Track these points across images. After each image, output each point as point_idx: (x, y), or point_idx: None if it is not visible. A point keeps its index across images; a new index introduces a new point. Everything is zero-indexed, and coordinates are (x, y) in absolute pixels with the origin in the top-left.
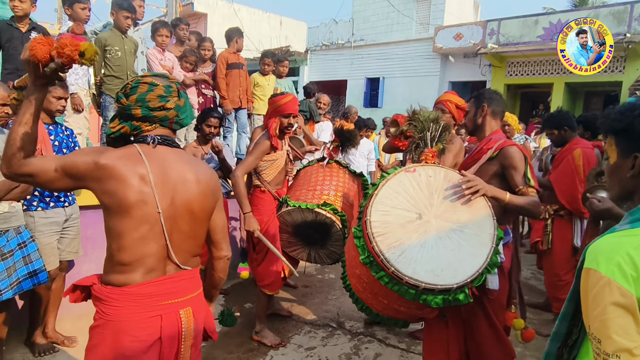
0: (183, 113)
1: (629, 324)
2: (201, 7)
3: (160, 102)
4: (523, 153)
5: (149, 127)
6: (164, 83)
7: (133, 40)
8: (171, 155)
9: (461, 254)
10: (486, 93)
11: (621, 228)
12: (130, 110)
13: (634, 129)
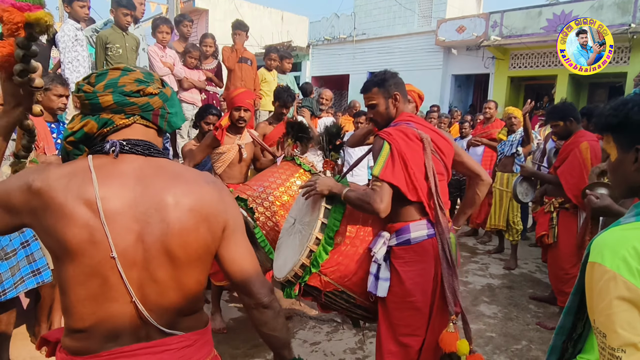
0: (172, 107)
1: (635, 318)
2: (202, 3)
3: (138, 85)
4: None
5: (125, 121)
6: (142, 71)
7: (134, 37)
8: (146, 169)
9: (292, 252)
10: (390, 79)
11: (626, 221)
12: (96, 99)
13: (631, 122)
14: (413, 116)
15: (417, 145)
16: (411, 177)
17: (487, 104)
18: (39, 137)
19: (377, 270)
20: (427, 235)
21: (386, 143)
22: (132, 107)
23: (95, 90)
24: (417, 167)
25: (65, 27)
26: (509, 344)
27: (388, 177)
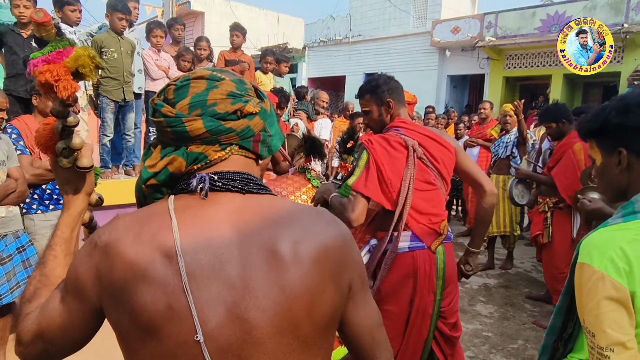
0: (272, 126)
1: (622, 317)
2: (198, 5)
3: (234, 103)
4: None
5: (221, 154)
6: (231, 77)
7: (130, 42)
8: (245, 210)
9: None
10: (383, 85)
11: (614, 222)
12: (181, 126)
13: (610, 125)
14: (405, 121)
15: (400, 153)
16: (389, 187)
17: (482, 104)
18: (33, 141)
19: None
20: (408, 248)
21: (365, 152)
22: (229, 135)
23: (179, 113)
24: (397, 176)
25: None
26: (505, 343)
27: (360, 188)
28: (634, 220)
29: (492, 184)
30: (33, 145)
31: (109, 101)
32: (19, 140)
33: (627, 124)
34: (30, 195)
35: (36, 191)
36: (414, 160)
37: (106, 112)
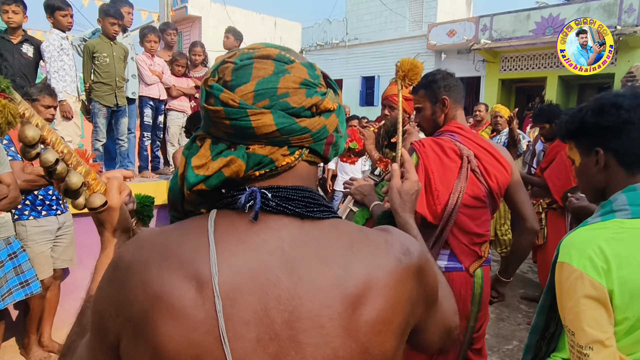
0: (342, 123)
1: (601, 315)
2: (195, 10)
3: (310, 95)
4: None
5: (289, 159)
6: (300, 59)
7: (122, 47)
8: (301, 242)
9: None
10: (440, 81)
11: (593, 221)
12: (245, 120)
13: (587, 126)
14: (462, 127)
15: (454, 163)
16: (435, 198)
17: (477, 106)
18: None
19: None
20: (444, 268)
21: (415, 155)
22: (303, 137)
23: (242, 102)
24: (446, 187)
25: (51, 37)
26: (501, 344)
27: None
28: (611, 219)
29: (536, 219)
30: None
31: (100, 106)
32: (10, 146)
33: (603, 124)
34: (22, 202)
35: (28, 197)
36: (467, 172)
37: (98, 117)
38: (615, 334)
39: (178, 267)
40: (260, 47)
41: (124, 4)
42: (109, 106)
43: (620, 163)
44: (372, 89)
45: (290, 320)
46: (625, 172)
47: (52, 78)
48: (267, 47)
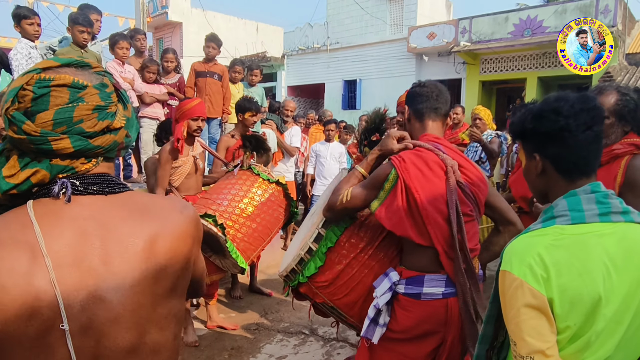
0: (131, 127)
1: (542, 324)
2: (175, 16)
3: (101, 119)
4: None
5: (88, 165)
6: (94, 80)
7: (93, 54)
8: (107, 210)
9: (294, 249)
10: (411, 90)
11: (534, 227)
12: (47, 144)
13: (527, 131)
14: (440, 139)
15: (437, 177)
16: (423, 218)
17: (454, 109)
18: None
19: (375, 315)
20: (442, 294)
21: (394, 172)
22: (97, 152)
23: (43, 131)
24: (433, 204)
25: (19, 46)
26: None
27: (381, 219)
28: (552, 226)
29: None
30: None
31: None
32: None
33: (540, 130)
34: None
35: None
36: (454, 184)
37: None
38: (558, 342)
39: (11, 244)
40: (56, 76)
41: (92, 11)
42: None
43: (557, 170)
44: (354, 93)
45: (104, 258)
46: (564, 178)
47: None
48: (62, 75)
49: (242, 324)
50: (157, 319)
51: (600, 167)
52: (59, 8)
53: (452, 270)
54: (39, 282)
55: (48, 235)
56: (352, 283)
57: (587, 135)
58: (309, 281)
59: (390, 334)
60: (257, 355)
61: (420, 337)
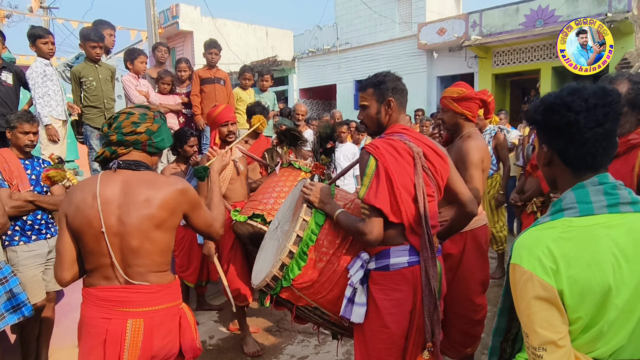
0: (157, 137)
1: (553, 316)
2: (186, 25)
3: (132, 127)
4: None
5: (124, 150)
6: (140, 112)
7: (108, 67)
8: (131, 178)
9: (268, 260)
10: (389, 82)
11: (543, 221)
12: (108, 137)
13: (537, 122)
14: (407, 128)
15: (407, 162)
16: (397, 197)
17: None
18: (12, 175)
19: (352, 294)
20: (407, 263)
21: (372, 159)
22: (127, 143)
23: (109, 131)
24: (405, 186)
25: (34, 65)
26: None
27: (371, 200)
28: (560, 218)
29: (475, 204)
30: (11, 178)
31: (92, 128)
32: None
33: (549, 123)
34: (12, 227)
35: (17, 223)
36: (421, 170)
37: (91, 140)
38: (570, 333)
39: (87, 190)
40: (125, 109)
41: (106, 26)
42: (99, 128)
43: (564, 162)
44: None
45: (126, 201)
46: (570, 171)
47: (37, 103)
48: (127, 108)
49: (264, 327)
50: (150, 237)
51: (617, 158)
52: (74, 24)
53: (418, 244)
54: (95, 209)
55: (102, 187)
56: (334, 277)
57: (596, 132)
58: (292, 284)
59: (373, 317)
60: (279, 356)
61: (397, 307)
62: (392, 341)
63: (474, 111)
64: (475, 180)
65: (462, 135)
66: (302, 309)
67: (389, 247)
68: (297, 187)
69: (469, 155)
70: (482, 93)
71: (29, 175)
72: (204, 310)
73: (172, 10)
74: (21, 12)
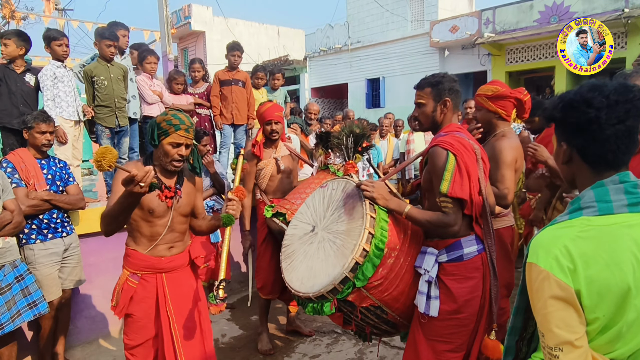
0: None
1: (570, 316)
2: (198, 25)
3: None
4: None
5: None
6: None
7: (121, 67)
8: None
9: (326, 264)
10: (446, 83)
11: (561, 219)
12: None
13: (556, 119)
14: (462, 128)
15: (473, 158)
16: (471, 190)
17: (467, 102)
18: (29, 174)
19: (428, 289)
20: (477, 251)
21: (451, 155)
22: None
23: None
24: (474, 180)
25: (45, 68)
26: None
27: (458, 193)
28: (578, 217)
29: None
30: (28, 177)
31: (103, 128)
32: (14, 174)
33: (568, 120)
34: (28, 226)
35: (34, 221)
36: (481, 164)
37: (102, 139)
38: (587, 333)
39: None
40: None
41: (120, 27)
42: (111, 127)
43: (584, 160)
44: (378, 91)
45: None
46: (590, 169)
47: (46, 105)
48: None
49: (276, 326)
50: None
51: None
52: (88, 26)
53: (481, 233)
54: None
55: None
56: (400, 273)
57: (617, 129)
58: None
59: (446, 306)
60: (292, 354)
61: (471, 294)
62: (462, 324)
63: (508, 110)
64: (507, 179)
65: (496, 134)
66: (362, 311)
67: (458, 238)
68: (327, 189)
69: (502, 154)
70: (518, 92)
71: (45, 174)
72: None
73: (185, 11)
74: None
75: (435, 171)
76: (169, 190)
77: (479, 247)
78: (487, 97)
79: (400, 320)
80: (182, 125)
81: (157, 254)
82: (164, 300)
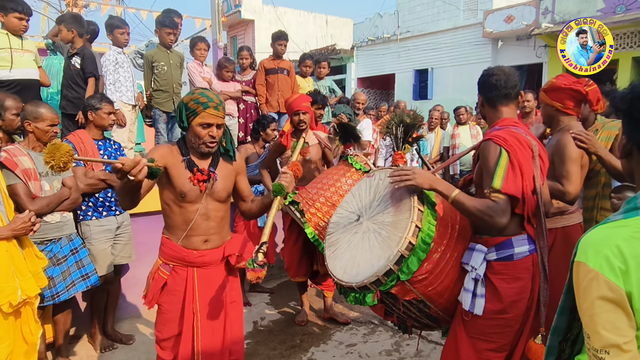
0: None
1: (620, 318)
2: (248, 14)
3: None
4: (503, 147)
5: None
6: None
7: (178, 54)
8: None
9: (370, 254)
10: (480, 78)
11: (614, 219)
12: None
13: (621, 111)
14: (519, 122)
15: (528, 154)
16: (524, 188)
17: (524, 95)
18: (87, 154)
19: (474, 287)
20: (528, 251)
21: (504, 151)
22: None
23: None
24: (528, 178)
25: (107, 54)
26: None
27: (511, 190)
28: (634, 217)
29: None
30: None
31: (160, 112)
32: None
33: (633, 114)
34: (85, 204)
35: (91, 199)
36: (538, 161)
37: (159, 123)
38: (637, 338)
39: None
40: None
41: (174, 14)
42: (168, 112)
43: None
44: (426, 82)
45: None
46: None
47: (107, 89)
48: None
49: (314, 312)
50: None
51: None
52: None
53: (533, 233)
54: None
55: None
56: (446, 268)
57: None
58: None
59: (491, 305)
60: (328, 341)
61: (519, 295)
62: (507, 325)
63: (565, 103)
64: (573, 175)
65: (561, 128)
66: (405, 304)
67: (509, 237)
68: (374, 178)
69: (566, 148)
70: (579, 83)
71: (102, 155)
72: (256, 292)
73: None
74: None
75: (486, 166)
76: (202, 174)
77: (531, 248)
78: (544, 91)
79: (443, 316)
80: (211, 103)
81: (190, 246)
82: (192, 296)
